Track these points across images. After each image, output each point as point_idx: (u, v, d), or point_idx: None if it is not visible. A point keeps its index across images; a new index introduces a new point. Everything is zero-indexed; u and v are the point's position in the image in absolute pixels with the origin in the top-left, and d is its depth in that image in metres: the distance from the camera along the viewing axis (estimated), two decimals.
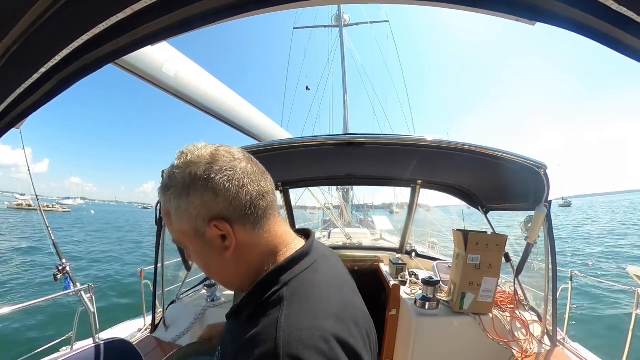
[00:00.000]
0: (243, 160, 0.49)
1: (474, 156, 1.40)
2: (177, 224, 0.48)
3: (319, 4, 0.52)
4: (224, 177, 0.45)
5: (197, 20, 0.44)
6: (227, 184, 0.45)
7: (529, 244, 1.49)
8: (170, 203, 0.47)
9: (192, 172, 0.46)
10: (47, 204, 60.39)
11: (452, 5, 0.45)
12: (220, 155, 0.47)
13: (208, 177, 0.45)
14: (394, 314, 1.77)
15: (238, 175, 0.46)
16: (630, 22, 0.36)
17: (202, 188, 0.45)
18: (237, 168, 0.47)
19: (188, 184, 0.45)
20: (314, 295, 0.44)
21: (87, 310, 1.97)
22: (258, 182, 0.48)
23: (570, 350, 1.45)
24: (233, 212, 0.46)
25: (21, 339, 4.55)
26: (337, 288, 0.48)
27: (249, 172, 0.48)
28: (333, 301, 0.44)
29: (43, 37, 0.37)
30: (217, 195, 0.45)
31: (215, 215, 0.45)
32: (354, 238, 3.34)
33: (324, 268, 0.50)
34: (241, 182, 0.46)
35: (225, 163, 0.46)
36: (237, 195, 0.46)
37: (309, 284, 0.45)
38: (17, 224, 24.50)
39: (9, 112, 0.44)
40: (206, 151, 0.48)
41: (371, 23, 13.50)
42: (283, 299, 0.43)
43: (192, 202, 0.45)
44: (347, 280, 0.55)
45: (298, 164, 1.83)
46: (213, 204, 0.45)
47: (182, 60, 1.79)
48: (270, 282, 0.46)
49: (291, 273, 0.46)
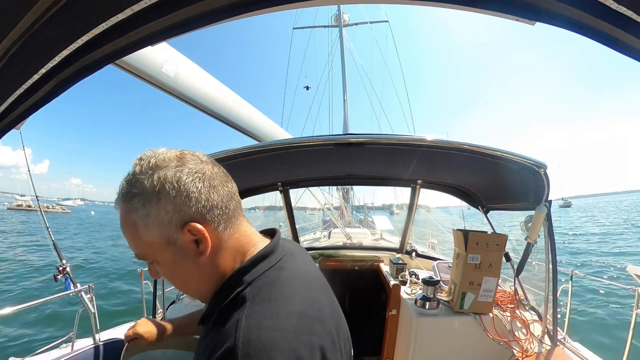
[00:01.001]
0: (209, 162, 0.48)
1: (473, 156, 1.40)
2: (145, 235, 0.45)
3: (319, 4, 0.52)
4: (195, 178, 0.44)
5: (196, 21, 0.44)
6: (199, 184, 0.44)
7: (529, 244, 1.49)
8: (137, 212, 0.44)
9: (160, 176, 0.43)
10: (47, 204, 60.42)
11: (452, 5, 0.46)
12: (187, 158, 0.46)
13: (179, 179, 0.43)
14: (394, 313, 1.77)
15: (207, 176, 0.46)
16: (630, 21, 0.36)
17: (174, 191, 0.43)
18: (206, 170, 0.46)
19: (158, 188, 0.43)
20: (277, 294, 0.43)
21: (87, 310, 1.97)
22: (226, 183, 0.48)
23: (570, 350, 1.45)
24: (207, 214, 0.45)
25: (22, 340, 4.55)
26: (303, 285, 0.47)
27: (216, 173, 0.48)
28: (297, 299, 0.43)
29: (43, 37, 0.37)
30: (190, 197, 0.43)
31: (188, 219, 0.44)
32: (354, 238, 3.33)
33: (290, 265, 0.50)
34: (212, 182, 0.46)
35: (194, 165, 0.46)
36: (210, 195, 0.45)
37: (271, 283, 0.45)
38: (22, 225, 24.52)
39: (9, 113, 0.44)
40: (172, 154, 0.46)
41: (371, 23, 13.50)
42: (246, 300, 0.42)
43: (162, 207, 0.43)
44: (316, 277, 0.54)
45: (298, 164, 1.83)
46: (186, 207, 0.43)
47: (181, 61, 1.79)
48: (233, 284, 0.46)
49: (254, 273, 0.46)
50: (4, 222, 26.63)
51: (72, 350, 1.50)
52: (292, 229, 2.56)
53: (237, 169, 1.60)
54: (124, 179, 0.46)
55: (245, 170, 1.70)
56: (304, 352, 0.38)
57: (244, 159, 1.45)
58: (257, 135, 2.49)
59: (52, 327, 4.87)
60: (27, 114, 0.46)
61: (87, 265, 10.19)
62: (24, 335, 4.67)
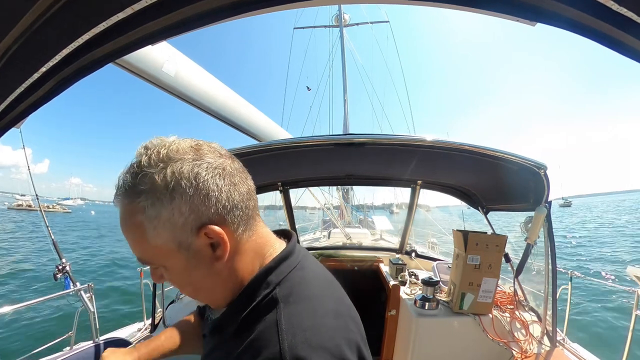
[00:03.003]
0: (228, 156, 0.43)
1: (473, 156, 1.40)
2: (153, 238, 0.39)
3: (319, 4, 0.52)
4: (216, 174, 0.39)
5: (197, 20, 0.44)
6: (220, 181, 0.39)
7: (529, 244, 1.49)
8: (145, 213, 0.38)
9: (175, 170, 0.37)
10: (47, 204, 60.43)
11: (452, 6, 0.45)
12: (204, 150, 0.40)
13: (197, 175, 0.38)
14: (393, 314, 1.77)
15: (227, 172, 0.41)
16: (631, 22, 0.36)
17: (191, 189, 0.37)
18: (226, 165, 0.41)
19: (173, 186, 0.37)
20: (308, 293, 0.41)
21: (87, 309, 1.97)
22: (246, 180, 0.44)
23: (569, 351, 1.45)
24: (227, 215, 0.40)
25: (21, 339, 4.55)
26: (326, 285, 0.46)
27: (235, 169, 0.43)
28: (327, 298, 0.43)
29: (43, 36, 0.37)
30: (210, 196, 0.38)
31: (206, 221, 0.39)
32: (353, 238, 3.34)
33: (308, 265, 0.48)
34: (233, 179, 0.41)
35: (213, 159, 0.40)
36: (231, 194, 0.40)
37: (300, 283, 0.43)
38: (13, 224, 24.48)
39: (10, 112, 0.44)
40: (186, 144, 0.40)
41: (371, 23, 13.52)
42: (278, 301, 0.40)
43: (177, 208, 0.37)
44: (331, 277, 0.53)
45: (298, 164, 1.83)
46: (204, 207, 0.38)
47: (182, 60, 1.79)
48: (257, 287, 0.42)
49: (279, 273, 0.43)
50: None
51: (71, 349, 1.50)
52: (292, 229, 2.56)
53: None
54: (127, 171, 0.40)
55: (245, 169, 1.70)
56: (346, 350, 0.38)
57: (244, 159, 1.44)
58: (257, 135, 2.49)
59: (51, 326, 4.87)
60: (28, 112, 0.45)
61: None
62: (24, 335, 4.67)
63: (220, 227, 0.39)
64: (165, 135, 0.43)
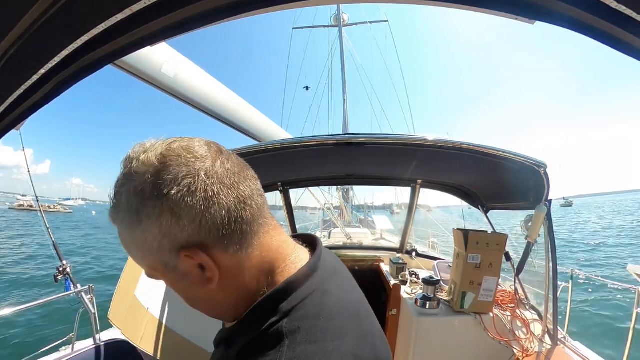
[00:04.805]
0: (208, 157, 0.35)
1: (474, 155, 1.40)
2: (140, 258, 0.36)
3: (318, 4, 0.52)
4: (183, 189, 0.32)
5: (196, 21, 0.44)
6: (189, 198, 0.32)
7: (529, 243, 1.49)
8: (123, 234, 0.35)
9: (136, 188, 0.32)
10: (48, 204, 60.44)
11: (452, 5, 0.45)
12: (173, 157, 0.33)
13: (159, 194, 0.32)
14: (394, 313, 1.77)
15: (203, 182, 0.33)
16: (629, 20, 0.36)
17: (155, 211, 0.32)
18: (201, 172, 0.33)
19: (135, 207, 0.32)
20: (324, 332, 0.33)
21: (88, 311, 1.97)
22: (235, 185, 0.35)
23: (570, 349, 1.45)
24: (207, 235, 0.33)
25: (22, 340, 4.55)
26: (352, 316, 0.38)
27: (219, 173, 0.34)
28: (348, 338, 0.34)
29: (42, 38, 0.37)
30: (179, 216, 0.32)
31: (183, 244, 0.33)
32: (354, 238, 3.34)
33: (335, 287, 0.39)
34: (209, 191, 0.33)
35: (182, 167, 0.33)
36: (207, 210, 0.32)
37: (316, 315, 0.35)
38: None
39: (9, 114, 0.44)
40: (154, 153, 0.33)
41: (370, 23, 13.52)
42: (283, 337, 0.32)
43: (147, 230, 0.33)
44: (361, 299, 0.44)
45: (298, 164, 1.83)
46: (176, 229, 0.32)
47: (181, 61, 1.79)
48: (266, 312, 0.35)
49: (292, 300, 0.35)
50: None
51: (72, 350, 1.50)
52: (292, 229, 2.56)
53: None
54: (112, 186, 0.36)
55: None
56: None
57: (244, 159, 1.45)
58: (257, 135, 2.49)
59: (52, 328, 4.88)
60: (27, 114, 0.45)
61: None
62: (25, 337, 4.67)
63: (202, 249, 0.33)
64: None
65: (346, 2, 0.64)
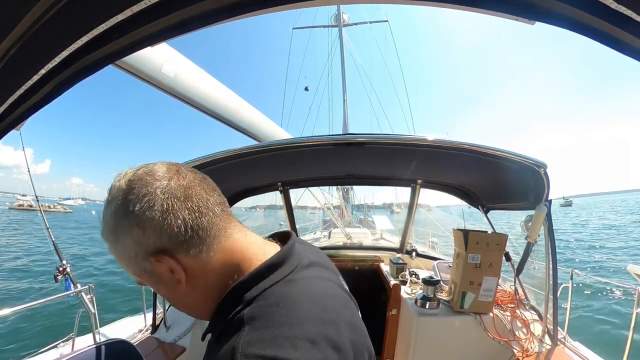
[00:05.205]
0: (165, 177, 0.42)
1: (473, 155, 1.40)
2: (127, 268, 0.44)
3: (319, 4, 0.52)
4: (144, 205, 0.39)
5: (196, 21, 0.44)
6: (149, 212, 0.39)
7: (529, 243, 1.49)
8: (111, 249, 0.43)
9: (112, 211, 0.41)
10: (48, 204, 60.49)
11: (452, 5, 0.45)
12: (136, 181, 0.41)
13: (127, 212, 0.39)
14: (394, 313, 1.77)
15: (158, 198, 0.40)
16: (629, 20, 0.36)
17: (126, 226, 0.40)
18: (157, 190, 0.40)
19: (112, 226, 0.41)
20: (282, 317, 0.36)
21: (88, 311, 1.97)
22: (189, 197, 0.41)
23: (570, 349, 1.45)
24: (168, 242, 0.40)
25: (22, 340, 4.55)
26: (315, 303, 0.40)
27: (172, 189, 0.41)
28: (308, 324, 0.36)
29: (42, 38, 0.37)
30: (144, 228, 0.39)
31: (151, 251, 0.40)
32: (354, 238, 3.34)
33: (303, 279, 0.43)
34: (164, 205, 0.39)
35: (142, 188, 0.40)
36: (165, 221, 0.39)
37: (275, 303, 0.38)
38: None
39: (9, 114, 0.44)
40: (124, 180, 0.42)
41: (370, 23, 13.51)
42: (244, 323, 0.36)
43: (124, 244, 0.41)
44: (336, 294, 0.46)
45: (298, 164, 1.83)
46: (144, 239, 0.40)
47: (181, 61, 1.79)
48: (232, 302, 0.40)
49: (255, 290, 0.40)
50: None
51: (72, 350, 1.50)
52: (292, 229, 2.56)
53: (237, 169, 1.60)
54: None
55: (245, 170, 1.70)
56: None
57: (244, 159, 1.45)
58: (257, 135, 2.49)
59: (52, 327, 4.88)
60: (27, 114, 0.45)
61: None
62: (25, 337, 4.67)
63: (166, 254, 0.40)
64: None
65: (346, 2, 0.64)
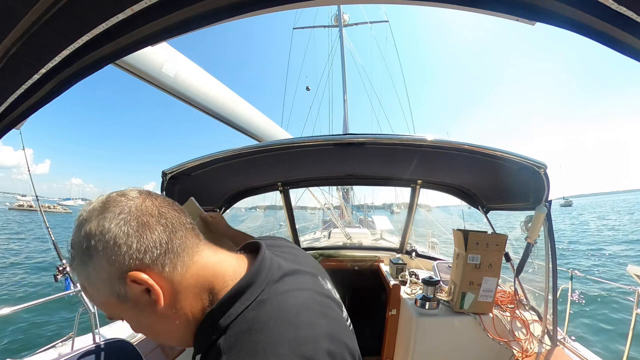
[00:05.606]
0: (138, 198, 0.43)
1: (473, 156, 1.40)
2: (97, 296, 0.42)
3: (319, 4, 0.52)
4: (120, 222, 0.39)
5: (197, 21, 0.44)
6: (125, 227, 0.39)
7: (529, 244, 1.49)
8: (81, 276, 0.41)
9: (86, 231, 0.40)
10: (48, 204, 60.45)
11: (452, 5, 0.45)
12: (110, 202, 0.41)
13: (103, 229, 0.39)
14: (394, 313, 1.77)
15: (133, 214, 0.40)
16: (630, 21, 0.36)
17: (100, 243, 0.39)
18: (132, 207, 0.41)
19: (86, 245, 0.39)
20: (257, 345, 0.36)
21: (87, 310, 1.97)
22: (162, 215, 0.42)
23: (570, 350, 1.45)
24: (143, 258, 0.40)
25: (22, 340, 4.55)
26: (292, 323, 0.40)
27: (147, 207, 0.42)
28: (283, 343, 0.37)
29: (43, 37, 0.37)
30: (119, 245, 0.39)
31: (125, 269, 0.39)
32: (354, 238, 3.34)
33: (274, 295, 0.43)
34: (140, 220, 0.40)
35: (117, 207, 0.41)
36: (141, 237, 0.40)
37: (248, 330, 0.38)
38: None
39: (9, 113, 0.44)
40: (97, 202, 0.42)
41: (371, 23, 13.51)
42: (221, 354, 0.37)
43: (97, 264, 0.39)
44: (314, 301, 0.45)
45: (298, 164, 1.83)
46: (119, 257, 0.39)
47: (182, 61, 1.79)
48: (208, 329, 0.41)
49: (228, 316, 0.40)
50: None
51: (72, 349, 1.50)
52: (292, 229, 2.56)
53: (237, 169, 1.60)
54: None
55: (245, 170, 1.70)
56: None
57: (244, 159, 1.45)
58: (257, 135, 2.50)
59: (52, 327, 4.88)
60: (27, 113, 0.46)
61: None
62: (25, 336, 4.67)
63: (141, 272, 0.39)
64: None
65: (346, 3, 0.64)
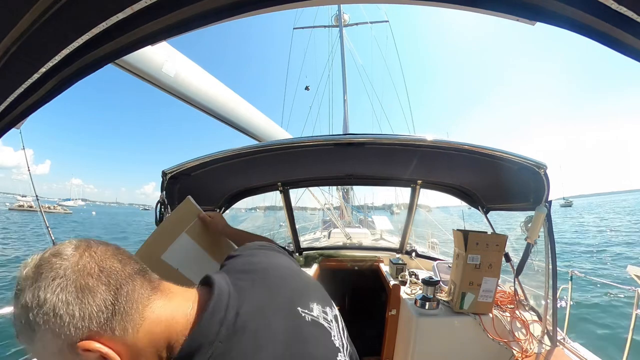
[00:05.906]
0: (74, 255, 0.38)
1: (473, 156, 1.40)
2: None
3: (319, 4, 0.52)
4: (56, 289, 0.35)
5: (197, 20, 0.44)
6: (62, 294, 0.35)
7: (529, 244, 1.49)
8: (30, 351, 0.38)
9: (22, 304, 0.36)
10: (48, 205, 60.37)
11: (452, 5, 0.46)
12: (43, 265, 0.37)
13: (39, 301, 0.35)
14: (394, 313, 1.77)
15: (70, 278, 0.36)
16: (630, 21, 0.36)
17: (40, 317, 0.35)
18: (68, 270, 0.37)
19: (25, 320, 0.35)
20: None
21: None
22: (103, 271, 0.38)
23: (570, 350, 1.45)
24: (90, 324, 0.36)
25: None
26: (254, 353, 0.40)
27: (84, 266, 0.38)
28: None
29: (43, 36, 0.37)
30: (60, 315, 0.35)
31: (74, 340, 0.36)
32: (354, 238, 3.34)
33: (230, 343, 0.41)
34: (78, 283, 0.36)
35: (51, 271, 0.36)
36: (82, 303, 0.36)
37: None
38: None
39: (10, 112, 0.44)
40: (29, 268, 0.38)
41: (371, 23, 13.51)
42: None
43: (43, 339, 0.35)
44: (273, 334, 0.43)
45: (298, 164, 1.83)
46: (64, 328, 0.35)
47: (182, 60, 1.79)
48: None
49: None
50: None
51: None
52: (292, 229, 2.56)
53: (237, 169, 1.60)
54: None
55: (245, 170, 1.70)
56: None
57: (244, 158, 1.45)
58: (257, 135, 2.49)
59: None
60: (28, 112, 0.46)
61: None
62: None
63: (92, 340, 0.36)
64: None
65: (347, 2, 0.64)
